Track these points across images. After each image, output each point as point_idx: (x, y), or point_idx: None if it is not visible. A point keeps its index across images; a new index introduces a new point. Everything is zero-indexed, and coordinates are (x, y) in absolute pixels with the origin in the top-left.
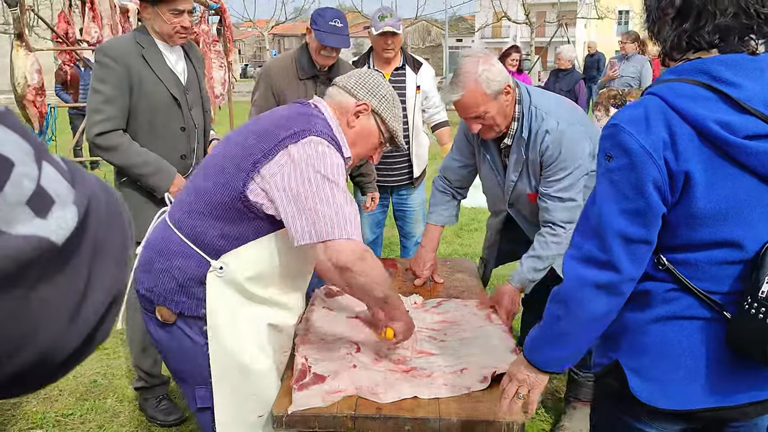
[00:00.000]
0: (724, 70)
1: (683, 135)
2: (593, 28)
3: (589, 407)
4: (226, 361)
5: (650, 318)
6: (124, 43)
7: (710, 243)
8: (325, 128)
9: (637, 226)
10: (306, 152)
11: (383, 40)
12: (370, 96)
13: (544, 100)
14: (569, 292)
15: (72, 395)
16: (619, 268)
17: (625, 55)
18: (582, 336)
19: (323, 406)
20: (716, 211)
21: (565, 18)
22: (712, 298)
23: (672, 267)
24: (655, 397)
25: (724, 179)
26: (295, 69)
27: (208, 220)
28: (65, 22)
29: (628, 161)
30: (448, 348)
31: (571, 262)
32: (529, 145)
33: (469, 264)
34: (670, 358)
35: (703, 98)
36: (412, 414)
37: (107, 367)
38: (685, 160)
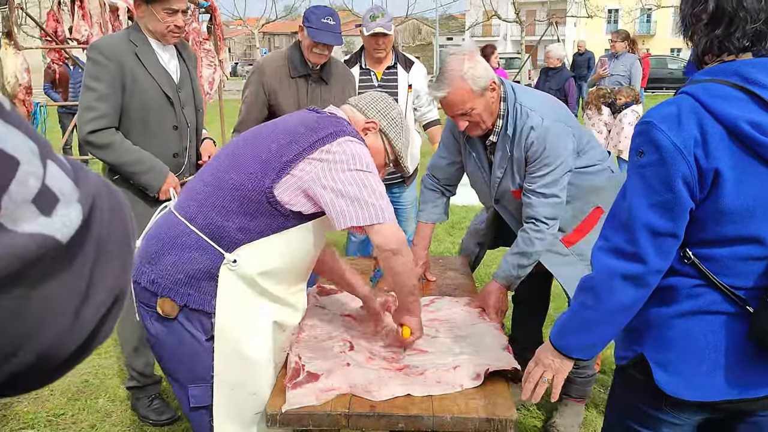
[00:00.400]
0: (756, 72)
1: (714, 134)
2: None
3: (581, 404)
4: (231, 356)
5: (675, 313)
6: (118, 41)
7: (736, 239)
8: (353, 131)
9: (664, 219)
10: (344, 149)
11: (374, 40)
12: (380, 116)
13: (528, 97)
14: (598, 282)
15: (63, 395)
16: (646, 260)
17: (614, 53)
18: (608, 325)
19: (317, 404)
20: (743, 208)
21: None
22: (736, 293)
23: (698, 261)
24: (680, 389)
25: (752, 177)
26: (287, 67)
27: (228, 213)
28: (54, 21)
29: (658, 157)
30: (440, 346)
31: (600, 254)
32: (514, 141)
33: (462, 262)
34: (695, 352)
35: (735, 99)
36: (406, 411)
37: (99, 366)
38: (715, 158)
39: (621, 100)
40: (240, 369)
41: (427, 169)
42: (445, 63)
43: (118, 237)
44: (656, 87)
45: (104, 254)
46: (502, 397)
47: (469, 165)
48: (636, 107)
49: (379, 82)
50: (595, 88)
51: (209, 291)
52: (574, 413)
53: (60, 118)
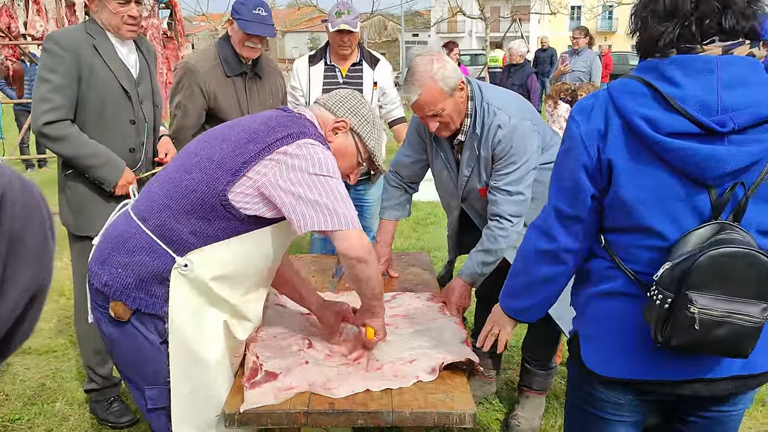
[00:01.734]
0: (672, 68)
1: (614, 126)
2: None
3: (542, 396)
4: (187, 360)
5: (595, 292)
6: (75, 32)
7: (633, 228)
8: (317, 134)
9: (567, 203)
10: (305, 152)
11: (339, 37)
12: (350, 114)
13: (495, 96)
14: (523, 252)
15: (19, 399)
16: (556, 239)
17: (575, 50)
18: (536, 291)
19: (275, 403)
20: (634, 199)
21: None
22: (639, 278)
23: (608, 246)
24: (599, 365)
25: (644, 171)
26: (221, 67)
27: (181, 216)
28: (8, 16)
29: (569, 145)
30: (399, 340)
31: (530, 227)
32: (481, 140)
33: (424, 258)
34: (611, 331)
35: (639, 94)
36: (365, 407)
37: (56, 369)
38: (611, 150)
39: (581, 95)
40: (195, 372)
41: (391, 166)
42: (414, 65)
43: (33, 232)
44: None
45: (19, 250)
46: (461, 391)
47: (436, 164)
48: None
49: (344, 79)
50: (558, 83)
51: (160, 295)
52: (536, 405)
53: (16, 116)
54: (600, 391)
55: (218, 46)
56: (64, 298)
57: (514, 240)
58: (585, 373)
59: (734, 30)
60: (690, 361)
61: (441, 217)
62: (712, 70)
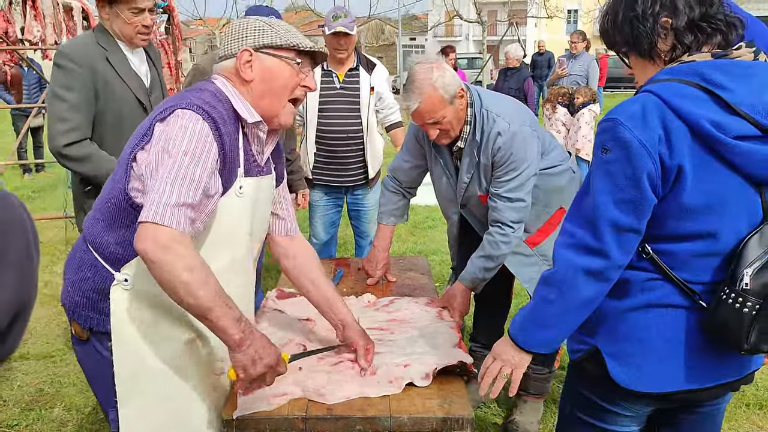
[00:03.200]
0: (716, 73)
1: (677, 131)
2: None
3: (540, 401)
4: (133, 382)
5: (629, 306)
6: (86, 45)
7: (693, 234)
8: (201, 98)
9: (629, 215)
10: (164, 129)
11: (336, 40)
12: (243, 41)
13: (494, 103)
14: (562, 277)
15: (17, 405)
16: (610, 255)
17: (573, 53)
18: (569, 320)
19: (269, 409)
20: (702, 205)
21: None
22: (690, 287)
23: (656, 257)
24: (633, 380)
25: (710, 175)
26: None
27: (104, 225)
28: (5, 21)
29: (624, 154)
30: (394, 345)
31: (563, 250)
32: (481, 147)
33: (422, 262)
34: (648, 344)
35: (697, 98)
36: (363, 413)
37: (54, 375)
38: (678, 155)
39: (579, 99)
40: (150, 398)
41: (389, 171)
42: (413, 73)
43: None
44: (614, 86)
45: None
46: (459, 396)
47: (435, 171)
48: (593, 106)
49: (341, 83)
50: (555, 87)
51: (109, 312)
52: (533, 410)
53: (13, 120)
54: (619, 406)
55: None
56: (61, 304)
57: (514, 245)
58: (605, 389)
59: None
60: (719, 366)
61: (438, 221)
62: (754, 75)
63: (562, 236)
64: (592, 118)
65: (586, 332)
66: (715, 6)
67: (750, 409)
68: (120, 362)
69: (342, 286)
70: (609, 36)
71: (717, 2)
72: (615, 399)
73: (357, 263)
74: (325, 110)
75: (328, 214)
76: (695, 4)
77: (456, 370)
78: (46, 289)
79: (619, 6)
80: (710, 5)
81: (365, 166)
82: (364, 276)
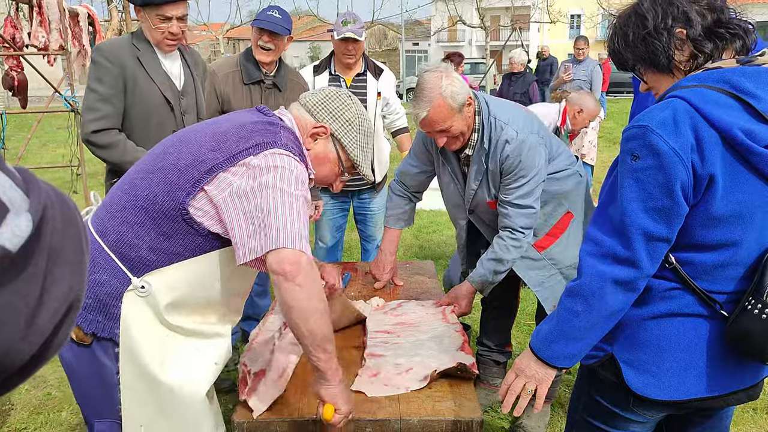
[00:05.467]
0: (744, 81)
1: (709, 139)
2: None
3: (548, 405)
4: (140, 388)
5: (649, 314)
6: (120, 44)
7: (717, 244)
8: (291, 141)
9: (661, 224)
10: (267, 163)
11: (344, 45)
12: (332, 119)
13: (501, 110)
14: (588, 287)
15: (25, 408)
16: (640, 265)
17: (579, 59)
18: (597, 330)
19: (280, 393)
20: (730, 214)
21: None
22: (711, 296)
23: (678, 266)
24: (649, 388)
25: (741, 184)
26: (239, 73)
27: (140, 229)
28: (12, 27)
29: (656, 162)
30: (399, 349)
31: (590, 259)
32: (489, 154)
33: (429, 266)
34: (666, 353)
35: (727, 106)
36: (373, 416)
37: (61, 378)
38: (710, 163)
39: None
40: (155, 409)
41: (396, 175)
42: (423, 81)
43: (71, 245)
44: (617, 91)
45: (57, 262)
46: (469, 399)
47: (443, 177)
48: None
49: (348, 89)
50: (559, 92)
51: (119, 318)
52: (541, 413)
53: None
54: (632, 412)
55: (242, 55)
56: None
57: (524, 250)
58: (619, 396)
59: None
60: (735, 374)
61: (443, 226)
62: None
63: (588, 245)
64: (597, 123)
65: (602, 339)
66: (725, 12)
67: (757, 413)
68: (126, 371)
69: (350, 290)
70: (620, 55)
71: (726, 8)
72: (628, 406)
73: (364, 267)
74: None
75: (335, 218)
76: (706, 11)
77: (457, 372)
78: None
79: (627, 25)
80: (721, 11)
81: (371, 170)
82: (372, 280)
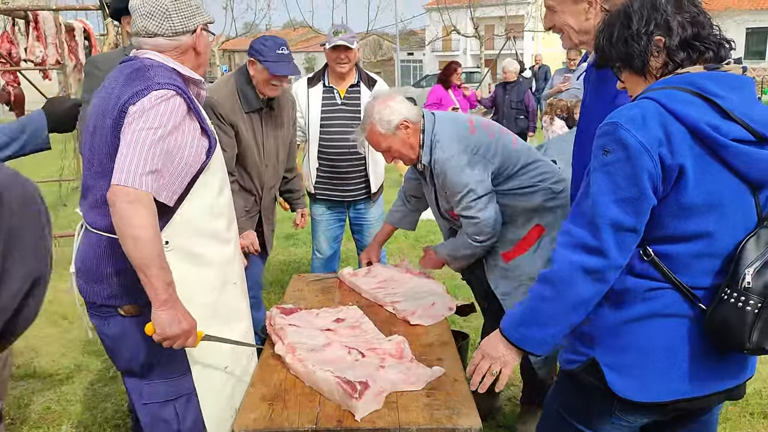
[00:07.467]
0: (710, 83)
1: (678, 134)
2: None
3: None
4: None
5: (630, 317)
6: (113, 56)
7: (692, 235)
8: (163, 73)
9: (628, 215)
10: (142, 107)
11: (337, 54)
12: (159, 23)
13: (442, 130)
14: (559, 274)
15: (25, 423)
16: (608, 255)
17: (572, 69)
18: (565, 319)
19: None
20: (702, 204)
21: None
22: (693, 292)
23: (657, 259)
24: (633, 391)
25: (711, 175)
26: (238, 103)
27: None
28: (8, 42)
29: (625, 154)
30: (404, 294)
31: (562, 248)
32: (431, 170)
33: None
34: (649, 354)
35: (694, 104)
36: (373, 425)
37: (60, 392)
38: (679, 156)
39: (577, 112)
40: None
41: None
42: (365, 108)
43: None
44: None
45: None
46: (467, 407)
47: (424, 187)
48: None
49: (342, 99)
50: (555, 100)
51: None
52: (538, 419)
53: None
54: (614, 416)
55: (237, 82)
56: (66, 322)
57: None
58: (602, 400)
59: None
60: (718, 373)
61: (440, 236)
62: (744, 87)
63: (562, 236)
64: None
65: (583, 343)
66: (707, 28)
67: (754, 418)
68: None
69: (335, 294)
70: (604, 52)
71: (709, 25)
72: (611, 409)
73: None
74: (327, 126)
75: (331, 229)
76: (688, 24)
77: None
78: (52, 307)
79: (615, 24)
80: (702, 27)
81: (367, 180)
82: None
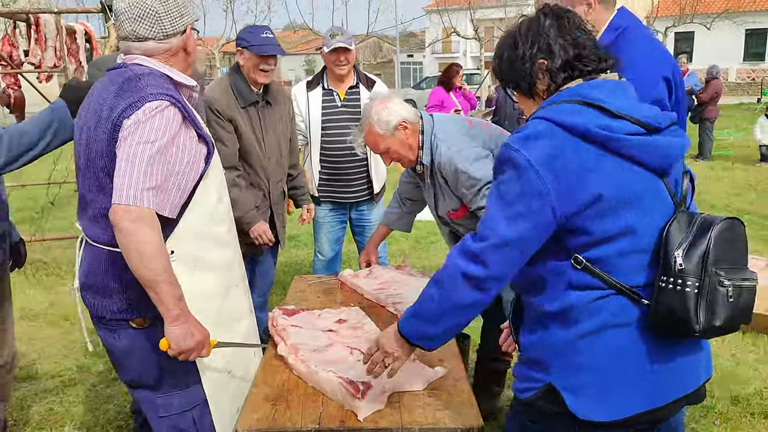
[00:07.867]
0: (593, 91)
1: (569, 144)
2: None
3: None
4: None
5: (578, 334)
6: (115, 58)
7: (615, 234)
8: (155, 82)
9: (515, 230)
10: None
11: (335, 56)
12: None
13: (444, 129)
14: (444, 276)
15: (27, 425)
16: (488, 265)
17: None
18: (448, 319)
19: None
20: (615, 200)
21: None
22: (634, 290)
23: (590, 264)
24: (593, 411)
25: (616, 173)
26: (234, 99)
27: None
28: (9, 45)
29: (515, 174)
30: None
31: (455, 251)
32: (434, 170)
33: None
34: (605, 371)
35: (582, 112)
36: (375, 425)
37: (63, 394)
38: (575, 164)
39: None
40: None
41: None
42: (363, 109)
43: None
44: None
45: None
46: (469, 407)
47: (423, 188)
48: None
49: (342, 102)
50: None
51: None
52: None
53: None
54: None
55: (230, 78)
56: (68, 323)
57: None
58: (564, 425)
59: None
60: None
61: (440, 237)
62: (625, 90)
63: (460, 241)
64: None
65: (536, 369)
66: (588, 48)
67: (755, 418)
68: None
69: (337, 296)
70: (498, 73)
71: (590, 45)
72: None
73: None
74: (328, 128)
75: (333, 231)
76: (570, 46)
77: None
78: (53, 309)
79: (505, 47)
80: (583, 48)
81: (370, 182)
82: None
